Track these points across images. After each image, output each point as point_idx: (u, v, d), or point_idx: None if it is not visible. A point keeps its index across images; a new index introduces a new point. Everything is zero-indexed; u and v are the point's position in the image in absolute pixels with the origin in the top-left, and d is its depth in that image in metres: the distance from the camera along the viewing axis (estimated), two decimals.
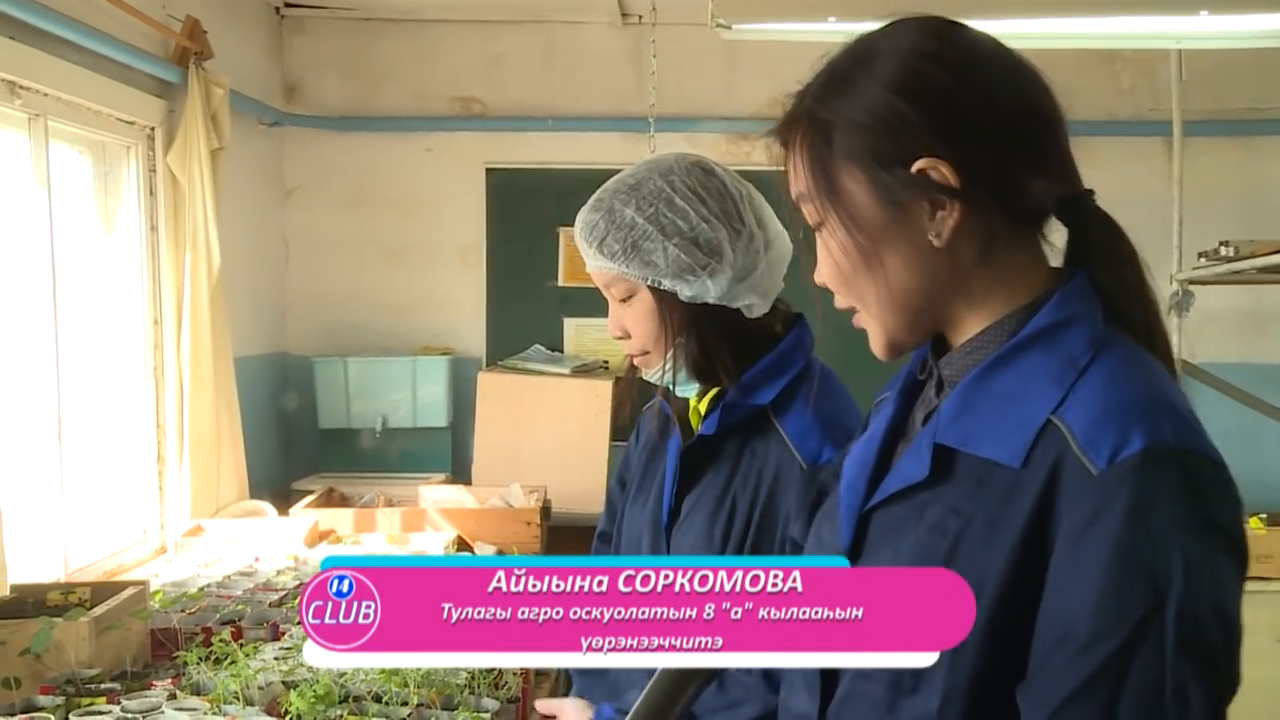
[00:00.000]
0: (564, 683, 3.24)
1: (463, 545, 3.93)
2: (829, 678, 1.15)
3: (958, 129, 1.06)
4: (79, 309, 3.62)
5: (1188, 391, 0.98)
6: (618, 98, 5.26)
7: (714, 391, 1.79)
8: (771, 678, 1.48)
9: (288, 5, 5.26)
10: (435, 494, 4.38)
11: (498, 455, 4.89)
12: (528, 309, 5.35)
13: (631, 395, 1.92)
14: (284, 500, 4.40)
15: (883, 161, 1.07)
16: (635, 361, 1.82)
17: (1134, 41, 4.09)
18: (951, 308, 1.12)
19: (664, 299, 1.72)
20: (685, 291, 1.70)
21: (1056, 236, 1.16)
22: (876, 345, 1.16)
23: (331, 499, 4.54)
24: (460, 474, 5.05)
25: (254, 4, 5.03)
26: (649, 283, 1.71)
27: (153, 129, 3.97)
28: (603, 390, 4.95)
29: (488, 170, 5.38)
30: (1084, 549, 0.95)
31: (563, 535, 4.23)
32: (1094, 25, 3.52)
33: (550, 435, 4.91)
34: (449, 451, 5.22)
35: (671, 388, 1.80)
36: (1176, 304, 4.77)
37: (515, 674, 2.43)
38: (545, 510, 4.21)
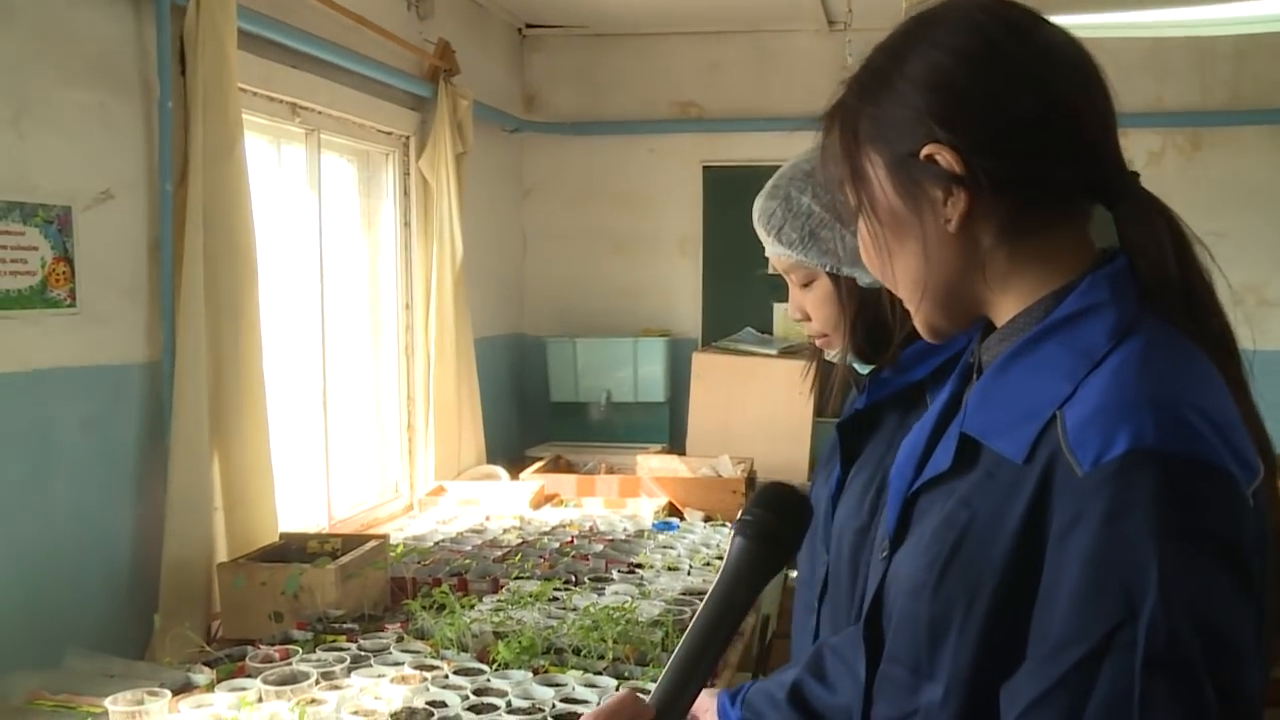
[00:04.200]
0: (756, 659, 3.18)
1: (673, 510, 3.94)
2: (873, 654, 1.08)
3: (963, 116, 0.98)
4: (343, 295, 3.81)
5: None
6: (824, 99, 5.10)
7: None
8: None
9: (529, 26, 5.36)
10: (652, 463, 4.41)
11: (710, 428, 4.88)
12: (740, 294, 5.31)
13: (817, 371, 1.85)
14: (519, 465, 4.51)
15: (896, 148, 1.01)
16: (817, 343, 1.73)
17: None
18: (977, 293, 1.03)
19: (842, 285, 1.62)
20: (865, 278, 1.60)
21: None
22: (920, 327, 1.09)
23: (558, 465, 4.63)
24: (676, 445, 5.06)
25: (499, 26, 5.15)
26: (827, 269, 1.62)
27: (408, 138, 4.13)
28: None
29: (704, 168, 5.38)
30: (1064, 554, 0.86)
31: None
32: None
33: (758, 411, 4.86)
34: (667, 424, 5.24)
35: (850, 366, 1.70)
36: None
37: None
38: (750, 480, 4.17)
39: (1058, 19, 1.04)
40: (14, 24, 2.30)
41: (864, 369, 1.70)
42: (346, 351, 3.83)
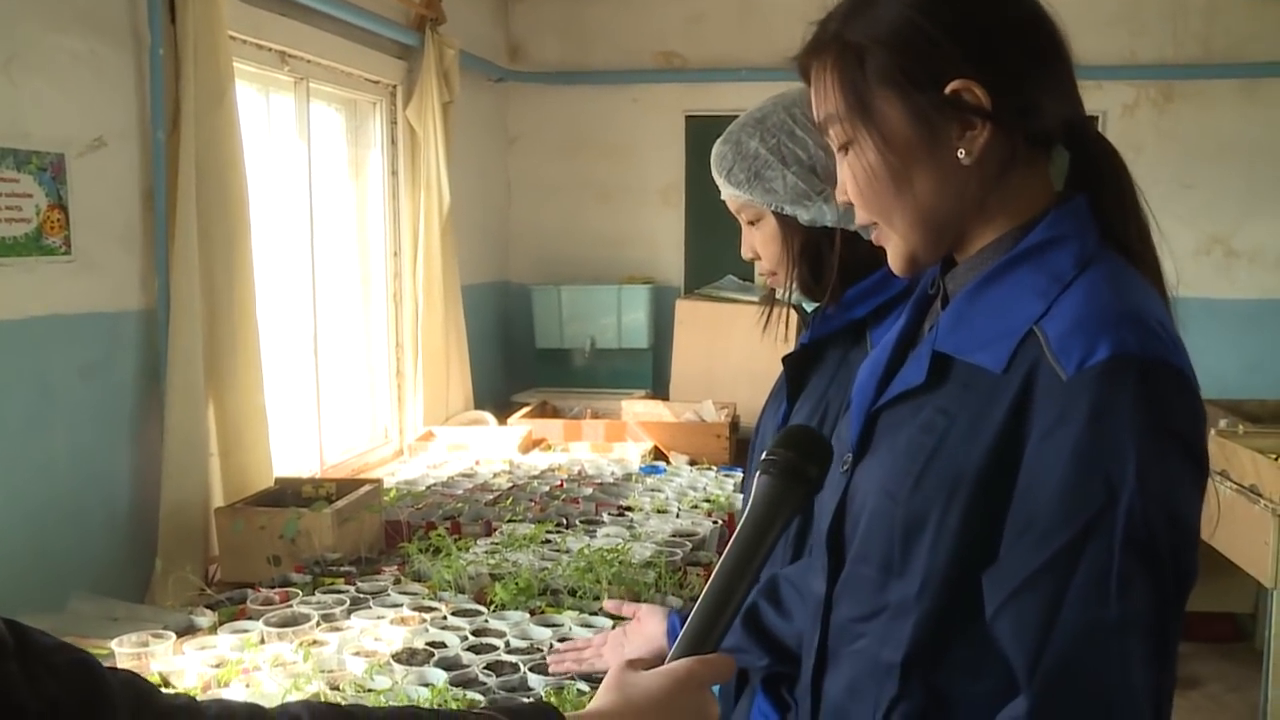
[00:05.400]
0: None
1: (659, 455, 3.94)
2: (836, 561, 1.12)
3: (985, 50, 1.00)
4: (333, 244, 3.75)
5: None
6: None
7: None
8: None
9: None
10: (637, 408, 4.40)
11: (693, 374, 4.88)
12: (722, 243, 5.22)
13: (770, 309, 1.85)
14: (505, 411, 4.49)
15: (916, 83, 1.01)
16: (768, 282, 1.76)
17: None
18: (966, 225, 1.06)
19: (786, 223, 1.65)
20: (804, 216, 1.63)
21: None
22: (897, 261, 1.09)
23: (545, 410, 4.61)
24: (659, 391, 5.06)
25: None
26: (772, 208, 1.65)
27: (394, 87, 4.05)
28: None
29: (687, 117, 5.32)
30: (1049, 449, 0.92)
31: (749, 448, 4.18)
32: None
33: (740, 356, 4.84)
34: (650, 370, 5.23)
35: (791, 302, 1.73)
36: None
37: (699, 575, 2.42)
38: (734, 425, 4.18)
39: None
40: None
41: (810, 306, 1.73)
42: (336, 299, 3.79)
